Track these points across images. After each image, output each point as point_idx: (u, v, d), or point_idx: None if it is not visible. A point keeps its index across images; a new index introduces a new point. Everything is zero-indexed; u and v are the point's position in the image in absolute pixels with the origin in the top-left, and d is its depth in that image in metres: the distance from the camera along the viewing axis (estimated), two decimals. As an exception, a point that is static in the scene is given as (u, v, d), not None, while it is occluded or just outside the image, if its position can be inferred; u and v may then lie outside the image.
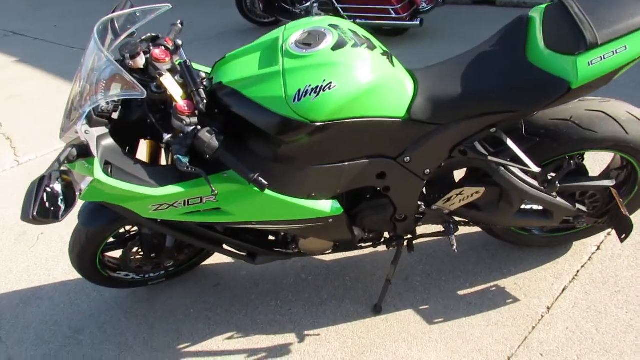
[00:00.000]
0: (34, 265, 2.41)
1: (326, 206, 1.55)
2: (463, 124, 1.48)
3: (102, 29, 1.58)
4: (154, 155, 1.66)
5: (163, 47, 1.52)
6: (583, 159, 1.79)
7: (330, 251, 1.83)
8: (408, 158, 1.53)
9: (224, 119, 1.46)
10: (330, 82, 1.32)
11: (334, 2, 4.81)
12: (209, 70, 1.60)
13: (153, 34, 1.60)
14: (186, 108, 1.37)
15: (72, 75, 4.44)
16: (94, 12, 8.18)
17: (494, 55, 1.50)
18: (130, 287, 2.09)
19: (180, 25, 1.70)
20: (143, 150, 1.59)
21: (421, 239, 1.96)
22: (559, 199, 1.68)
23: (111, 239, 1.85)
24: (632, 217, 1.73)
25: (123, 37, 1.54)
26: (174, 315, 2.01)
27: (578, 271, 1.94)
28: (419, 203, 1.68)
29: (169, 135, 1.41)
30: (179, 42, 1.56)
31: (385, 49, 1.49)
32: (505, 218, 1.75)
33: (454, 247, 1.70)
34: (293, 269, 2.15)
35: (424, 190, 1.70)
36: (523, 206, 1.81)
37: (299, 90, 1.32)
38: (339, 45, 1.38)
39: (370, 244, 1.84)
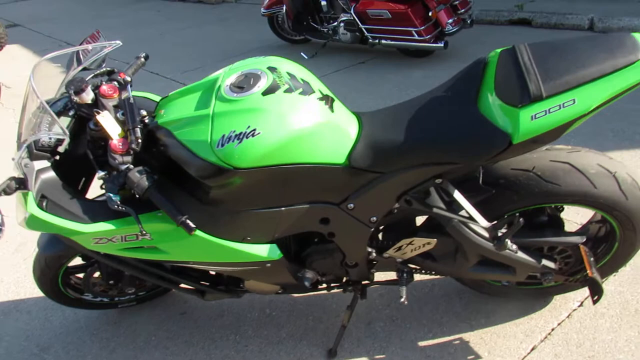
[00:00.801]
0: (24, 277, 2.49)
1: (263, 250, 1.51)
2: (405, 173, 1.40)
3: (70, 60, 1.63)
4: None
5: (113, 83, 1.53)
6: (560, 210, 1.66)
7: (281, 292, 1.78)
8: (352, 205, 1.46)
9: (163, 159, 1.45)
10: (254, 129, 1.28)
11: (359, 22, 4.76)
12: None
13: (109, 68, 1.62)
14: (120, 146, 1.37)
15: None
16: (145, 22, 8.54)
17: (444, 101, 1.41)
18: (100, 309, 2.12)
19: (143, 59, 1.71)
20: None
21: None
22: (520, 254, 1.56)
23: (78, 261, 1.88)
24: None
25: (75, 71, 1.56)
26: (135, 342, 2.02)
27: (553, 329, 1.79)
28: (369, 250, 1.60)
29: (104, 173, 1.42)
30: (128, 78, 1.56)
31: (326, 92, 1.43)
32: (462, 271, 1.64)
33: (403, 299, 1.61)
34: (260, 303, 2.11)
35: (380, 236, 1.63)
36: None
37: (223, 136, 1.29)
38: (270, 90, 1.33)
39: (325, 286, 1.77)
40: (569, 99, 1.22)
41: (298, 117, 1.31)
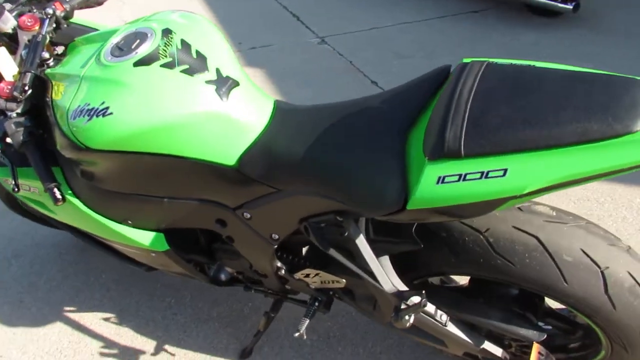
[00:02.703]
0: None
1: (145, 238, 1.31)
2: (303, 197, 1.09)
3: None
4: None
5: (40, 13, 1.35)
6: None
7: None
8: (248, 214, 1.19)
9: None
10: (107, 108, 1.04)
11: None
12: None
13: None
14: (6, 90, 1.22)
15: None
16: None
17: (376, 117, 1.04)
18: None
19: None
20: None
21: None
22: (450, 327, 1.20)
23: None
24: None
25: None
26: (87, 275, 2.00)
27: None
28: (279, 264, 1.33)
29: (-8, 116, 1.30)
30: (58, 11, 1.36)
31: (227, 73, 1.11)
32: (384, 321, 1.32)
33: (299, 333, 1.34)
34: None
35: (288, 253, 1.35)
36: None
37: (77, 107, 1.07)
38: (145, 61, 1.06)
39: (243, 285, 1.56)
40: (497, 167, 0.80)
41: (166, 100, 1.04)
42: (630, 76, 0.80)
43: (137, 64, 1.06)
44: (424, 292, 1.07)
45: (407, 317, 1.09)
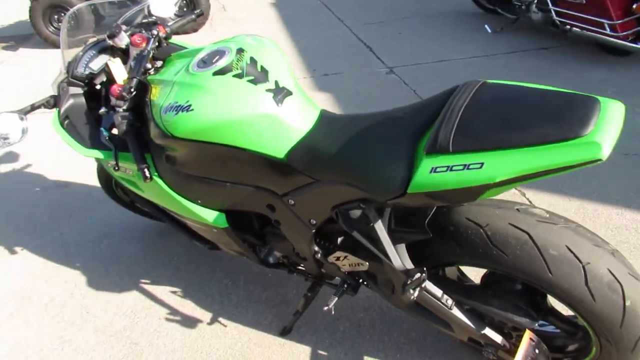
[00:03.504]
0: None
1: (210, 215, 1.62)
2: (334, 186, 1.34)
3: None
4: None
5: (147, 33, 1.73)
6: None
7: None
8: (292, 201, 1.46)
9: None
10: (190, 105, 1.36)
11: (549, 2, 4.15)
12: None
13: (153, 19, 1.82)
14: (117, 91, 1.59)
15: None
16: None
17: (397, 124, 1.28)
18: (150, 218, 2.45)
19: (194, 17, 1.88)
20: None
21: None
22: (454, 311, 1.38)
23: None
24: None
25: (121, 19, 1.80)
26: (166, 257, 2.35)
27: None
28: (316, 249, 1.58)
29: (104, 110, 1.67)
30: (162, 33, 1.73)
31: (283, 85, 1.40)
32: (402, 305, 1.52)
33: (327, 307, 1.56)
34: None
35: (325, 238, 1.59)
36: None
37: (169, 104, 1.40)
38: (221, 72, 1.38)
39: (286, 268, 1.81)
40: (476, 161, 1.01)
41: (234, 103, 1.34)
42: (591, 95, 0.99)
43: (215, 73, 1.38)
44: (425, 269, 1.28)
45: (411, 291, 1.29)
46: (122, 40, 1.71)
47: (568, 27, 4.11)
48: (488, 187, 1.01)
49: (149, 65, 1.65)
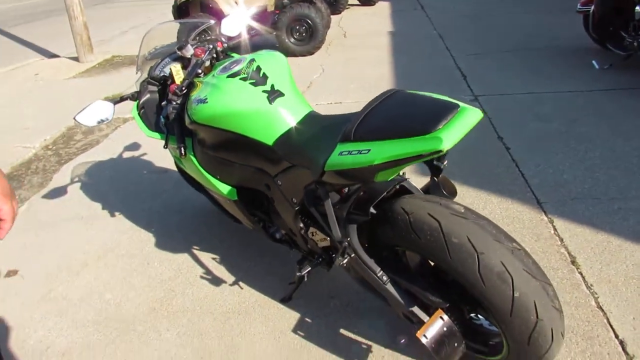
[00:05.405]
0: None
1: (224, 188, 2.04)
2: (301, 170, 1.67)
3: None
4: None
5: (207, 46, 2.23)
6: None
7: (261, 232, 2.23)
8: (280, 182, 1.83)
9: None
10: (206, 98, 1.81)
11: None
12: None
13: (214, 37, 2.33)
14: (174, 89, 2.11)
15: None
16: None
17: (342, 123, 1.55)
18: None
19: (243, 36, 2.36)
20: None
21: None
22: (388, 287, 1.62)
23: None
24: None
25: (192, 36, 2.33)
26: (212, 231, 2.84)
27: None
28: (301, 226, 1.91)
29: (165, 102, 2.19)
30: (212, 47, 2.22)
31: (278, 88, 1.78)
32: (353, 275, 1.78)
33: (299, 274, 1.86)
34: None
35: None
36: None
37: (195, 98, 1.87)
38: (233, 75, 1.81)
39: (288, 244, 2.16)
40: (366, 148, 1.30)
41: (237, 98, 1.76)
42: (457, 102, 1.23)
43: (229, 76, 1.82)
44: (349, 239, 1.55)
45: (340, 259, 1.57)
46: (188, 52, 2.23)
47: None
48: (372, 167, 1.29)
49: (199, 71, 2.14)
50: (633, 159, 3.09)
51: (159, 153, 3.92)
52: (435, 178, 1.70)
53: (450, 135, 1.15)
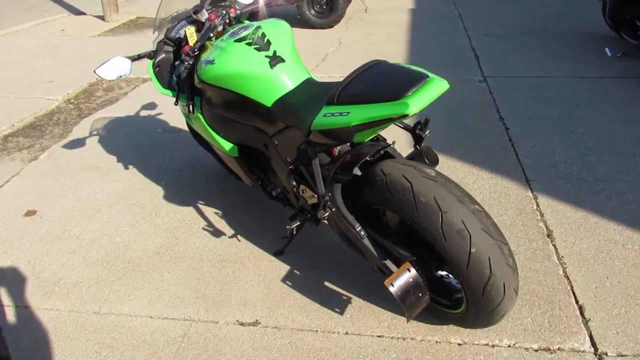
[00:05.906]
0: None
1: (227, 145, 2.22)
2: (294, 131, 1.83)
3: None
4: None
5: (221, 12, 2.37)
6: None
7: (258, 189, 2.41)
8: (276, 141, 1.99)
9: None
10: (214, 60, 1.97)
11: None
12: None
13: (228, 4, 2.47)
14: (187, 50, 2.26)
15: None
16: None
17: (334, 86, 1.71)
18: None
19: (260, 4, 2.50)
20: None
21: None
22: (365, 241, 1.78)
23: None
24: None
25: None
26: (221, 189, 3.03)
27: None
28: (293, 184, 2.08)
29: (178, 62, 2.35)
30: (225, 12, 2.36)
31: (280, 54, 1.92)
32: (334, 228, 1.95)
33: (289, 227, 2.03)
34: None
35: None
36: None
37: (205, 59, 2.03)
38: (240, 40, 1.96)
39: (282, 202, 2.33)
40: (346, 110, 1.46)
41: (241, 61, 1.91)
42: (426, 72, 1.37)
43: (236, 41, 1.97)
44: (330, 194, 1.71)
45: (322, 211, 1.74)
46: (203, 16, 2.38)
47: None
48: (351, 128, 1.45)
49: (211, 34, 2.29)
50: (627, 144, 3.18)
51: (173, 113, 4.11)
52: (417, 146, 1.85)
53: (416, 101, 1.30)
